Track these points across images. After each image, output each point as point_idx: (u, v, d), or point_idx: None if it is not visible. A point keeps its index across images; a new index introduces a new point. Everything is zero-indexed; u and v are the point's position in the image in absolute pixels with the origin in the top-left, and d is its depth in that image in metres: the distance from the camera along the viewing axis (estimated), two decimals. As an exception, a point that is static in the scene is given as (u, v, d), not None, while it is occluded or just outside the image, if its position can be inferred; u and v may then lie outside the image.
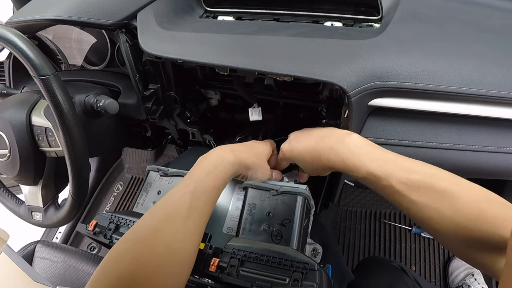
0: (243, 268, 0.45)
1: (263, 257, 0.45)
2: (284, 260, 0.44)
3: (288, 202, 0.53)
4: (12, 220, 0.77)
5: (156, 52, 0.60)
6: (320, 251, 0.57)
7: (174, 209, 0.42)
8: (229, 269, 0.45)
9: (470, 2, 0.65)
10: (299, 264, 0.44)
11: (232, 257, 0.46)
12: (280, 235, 0.51)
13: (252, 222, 0.53)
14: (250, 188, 0.56)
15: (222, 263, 0.46)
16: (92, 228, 0.56)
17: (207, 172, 0.47)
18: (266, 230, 0.52)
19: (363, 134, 0.58)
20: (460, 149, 0.56)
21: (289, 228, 0.51)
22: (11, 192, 0.75)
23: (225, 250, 0.48)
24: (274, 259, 0.45)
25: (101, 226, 0.56)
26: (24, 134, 0.63)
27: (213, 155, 0.50)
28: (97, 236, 0.56)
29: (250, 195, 0.55)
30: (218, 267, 0.46)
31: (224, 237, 0.56)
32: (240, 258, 0.46)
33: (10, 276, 0.61)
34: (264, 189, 0.55)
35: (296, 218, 0.52)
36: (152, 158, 1.50)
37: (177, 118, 0.80)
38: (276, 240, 0.51)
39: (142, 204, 0.63)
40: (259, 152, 0.56)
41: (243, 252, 0.46)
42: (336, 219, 1.26)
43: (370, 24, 0.64)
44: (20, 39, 0.53)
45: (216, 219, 0.59)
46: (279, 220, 0.52)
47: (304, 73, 0.52)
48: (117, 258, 0.38)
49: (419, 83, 0.51)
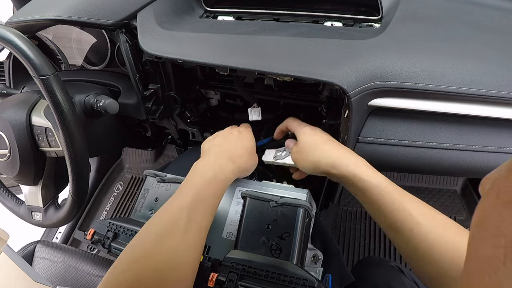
0: (241, 283, 0.44)
1: (262, 271, 0.44)
2: (283, 276, 0.44)
3: (288, 214, 0.51)
4: (12, 220, 0.77)
5: (156, 52, 0.60)
6: (321, 257, 0.56)
7: (172, 223, 0.41)
8: (227, 284, 0.44)
9: (470, 2, 0.65)
10: (298, 280, 0.43)
11: (231, 271, 0.45)
12: (279, 249, 0.50)
13: (251, 234, 0.51)
14: (249, 198, 0.54)
15: (221, 277, 0.45)
16: (90, 237, 0.56)
17: (205, 181, 0.46)
18: (265, 243, 0.50)
19: (363, 134, 0.58)
20: (460, 149, 0.56)
21: (288, 242, 0.50)
22: (11, 192, 0.75)
23: (223, 263, 0.47)
24: (273, 274, 0.44)
25: (99, 234, 0.56)
26: (24, 134, 0.63)
27: (211, 163, 0.49)
28: (96, 245, 0.56)
29: (249, 205, 0.53)
30: (217, 282, 0.45)
31: (224, 242, 0.55)
32: (239, 273, 0.45)
33: (10, 276, 0.61)
34: (263, 200, 0.53)
35: (297, 231, 0.50)
36: (152, 158, 1.50)
37: (177, 118, 0.80)
38: (275, 254, 0.49)
39: (140, 211, 0.63)
40: (251, 147, 0.58)
41: (241, 266, 0.46)
42: (336, 219, 1.26)
43: (370, 24, 0.64)
44: (20, 39, 0.53)
45: (215, 224, 0.58)
46: (278, 233, 0.50)
47: (304, 73, 0.52)
48: (117, 276, 0.38)
49: (419, 83, 0.51)
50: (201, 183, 0.46)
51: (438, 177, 1.28)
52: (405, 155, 0.58)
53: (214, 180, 0.47)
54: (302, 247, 0.51)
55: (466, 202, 1.24)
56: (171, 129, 0.85)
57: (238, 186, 0.62)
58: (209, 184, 0.46)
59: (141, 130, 0.90)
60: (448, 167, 0.58)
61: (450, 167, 0.58)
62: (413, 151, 0.57)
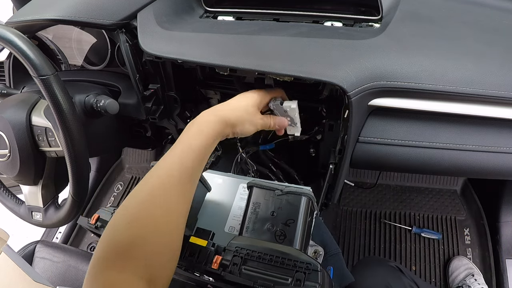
0: (245, 267, 0.45)
1: (266, 256, 0.45)
2: (287, 260, 0.44)
3: (292, 202, 0.54)
4: (12, 220, 0.77)
5: (156, 52, 0.60)
6: (322, 253, 0.57)
7: (166, 172, 0.44)
8: (231, 267, 0.45)
9: (470, 2, 0.65)
10: (302, 264, 0.44)
11: (235, 255, 0.46)
12: (283, 235, 0.51)
13: (256, 221, 0.53)
14: (255, 187, 0.56)
15: (224, 261, 0.46)
16: (94, 221, 0.56)
17: (193, 134, 0.48)
18: (269, 229, 0.52)
19: (363, 134, 0.58)
20: (460, 149, 0.56)
21: (292, 228, 0.51)
22: (11, 192, 0.75)
23: (228, 248, 0.48)
24: (277, 259, 0.45)
25: (103, 220, 0.56)
26: (24, 134, 0.63)
27: (198, 119, 0.51)
28: (99, 230, 0.56)
29: (254, 194, 0.56)
30: (221, 265, 0.46)
31: (226, 236, 0.56)
32: (243, 257, 0.46)
33: (10, 276, 0.61)
34: (269, 189, 0.55)
35: (300, 218, 0.52)
36: (152, 158, 1.50)
37: (177, 118, 0.80)
38: (279, 240, 0.51)
39: None
40: (246, 105, 0.55)
41: (246, 250, 0.46)
42: (336, 219, 1.26)
43: (370, 24, 0.64)
44: (20, 39, 0.53)
45: (218, 217, 0.59)
46: (283, 220, 0.52)
47: (304, 73, 0.52)
48: (114, 226, 0.40)
49: (419, 83, 0.51)
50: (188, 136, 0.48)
51: (438, 177, 1.28)
52: (405, 155, 0.58)
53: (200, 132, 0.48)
54: (306, 234, 0.52)
55: (466, 202, 1.24)
56: (171, 129, 0.85)
57: (241, 183, 0.62)
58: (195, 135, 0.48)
59: (141, 130, 0.90)
60: (448, 167, 0.58)
61: (450, 167, 0.58)
62: (413, 151, 0.57)
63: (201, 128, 0.49)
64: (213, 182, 0.64)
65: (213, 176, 0.66)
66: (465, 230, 1.19)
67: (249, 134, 0.55)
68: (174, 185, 0.43)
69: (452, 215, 1.22)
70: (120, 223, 0.40)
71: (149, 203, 0.41)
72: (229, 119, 0.52)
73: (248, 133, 0.55)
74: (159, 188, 0.42)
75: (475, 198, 1.22)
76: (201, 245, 0.48)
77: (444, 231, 1.19)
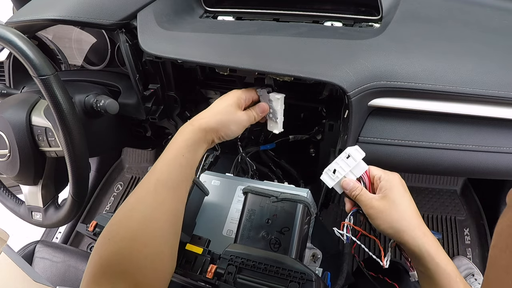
0: (240, 276, 0.45)
1: (261, 265, 0.45)
2: (281, 269, 0.44)
3: (288, 209, 0.52)
4: (12, 220, 0.77)
5: (156, 52, 0.60)
6: (320, 256, 0.56)
7: (143, 188, 0.45)
8: (226, 276, 0.45)
9: (470, 2, 0.65)
10: (297, 274, 0.43)
11: (230, 264, 0.46)
12: (278, 243, 0.51)
13: (251, 229, 0.52)
14: (250, 193, 0.55)
15: (219, 269, 0.46)
16: (92, 228, 0.56)
17: (169, 146, 0.50)
18: (264, 237, 0.51)
19: (363, 134, 0.58)
20: (460, 149, 0.56)
21: (288, 237, 0.50)
22: (11, 192, 0.75)
23: (222, 256, 0.47)
24: (271, 268, 0.45)
25: (101, 226, 0.56)
26: (24, 134, 0.63)
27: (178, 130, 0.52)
28: (97, 237, 0.56)
29: (249, 200, 0.55)
30: (215, 274, 0.45)
31: (223, 240, 0.56)
32: (238, 265, 0.46)
33: (10, 276, 0.61)
34: (264, 195, 0.54)
35: (296, 226, 0.51)
36: (152, 158, 1.50)
37: (177, 118, 0.80)
38: (274, 248, 0.50)
39: None
40: (225, 106, 0.54)
41: (240, 259, 0.46)
42: (336, 219, 1.26)
43: (370, 24, 0.64)
44: (20, 39, 0.53)
45: (216, 221, 0.59)
46: (278, 228, 0.51)
47: (304, 73, 0.52)
48: (97, 245, 0.42)
49: (419, 83, 0.51)
50: (167, 149, 0.50)
51: (438, 177, 1.28)
52: (405, 155, 0.58)
53: (175, 142, 0.50)
54: (301, 242, 0.51)
55: (466, 202, 1.24)
56: (171, 129, 0.85)
57: (239, 185, 0.62)
58: (169, 147, 0.50)
59: (141, 130, 0.90)
60: (448, 167, 0.58)
61: (450, 167, 0.58)
62: (413, 151, 0.57)
63: (176, 139, 0.50)
64: (210, 185, 0.64)
65: (211, 178, 0.66)
66: (465, 230, 1.19)
67: (237, 135, 0.55)
68: (149, 195, 0.44)
69: (452, 215, 1.22)
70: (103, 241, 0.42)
71: (126, 218, 0.43)
72: (208, 125, 0.51)
73: (235, 134, 0.54)
74: (135, 202, 0.44)
75: (475, 198, 1.22)
76: (197, 252, 0.48)
77: (444, 231, 1.19)
